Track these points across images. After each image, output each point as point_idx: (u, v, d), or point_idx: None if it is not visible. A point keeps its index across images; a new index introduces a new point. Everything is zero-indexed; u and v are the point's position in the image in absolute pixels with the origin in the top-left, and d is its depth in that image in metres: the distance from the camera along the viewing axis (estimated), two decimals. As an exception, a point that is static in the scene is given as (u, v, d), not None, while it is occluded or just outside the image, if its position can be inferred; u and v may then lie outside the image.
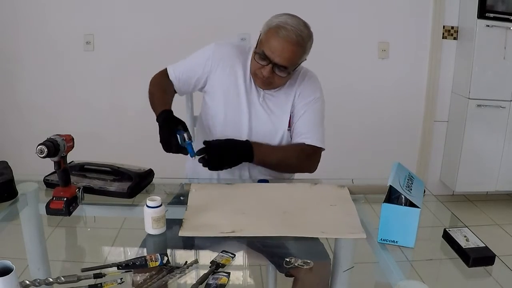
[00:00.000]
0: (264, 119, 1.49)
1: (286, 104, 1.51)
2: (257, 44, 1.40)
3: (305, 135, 1.50)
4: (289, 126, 1.52)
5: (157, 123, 1.34)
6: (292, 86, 1.51)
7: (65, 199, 1.18)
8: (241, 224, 1.14)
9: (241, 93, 1.48)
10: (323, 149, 1.53)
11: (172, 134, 1.30)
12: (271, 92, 1.50)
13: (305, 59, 1.44)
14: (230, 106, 1.49)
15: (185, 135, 1.29)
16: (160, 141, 1.31)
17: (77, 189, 1.23)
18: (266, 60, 1.37)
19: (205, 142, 1.36)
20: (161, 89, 1.50)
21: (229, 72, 1.49)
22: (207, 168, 1.35)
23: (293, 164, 1.49)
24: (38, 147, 1.11)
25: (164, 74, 1.55)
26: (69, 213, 1.18)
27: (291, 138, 1.53)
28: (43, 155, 1.12)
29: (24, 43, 2.80)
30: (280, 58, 1.35)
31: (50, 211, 1.17)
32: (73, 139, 1.21)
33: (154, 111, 1.42)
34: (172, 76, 1.53)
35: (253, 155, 1.39)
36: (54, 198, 1.19)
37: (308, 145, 1.49)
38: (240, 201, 1.28)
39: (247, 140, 1.43)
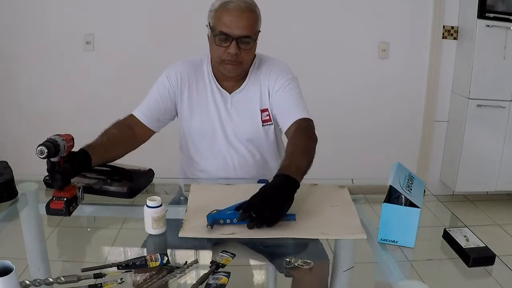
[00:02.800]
0: (236, 122, 1.50)
1: (255, 100, 1.49)
2: (211, 31, 1.39)
3: (293, 113, 1.44)
4: (270, 121, 1.51)
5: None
6: (257, 81, 1.49)
7: (65, 199, 1.17)
8: (241, 225, 1.13)
9: (210, 105, 1.49)
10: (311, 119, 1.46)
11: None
12: (238, 94, 1.49)
13: (260, 30, 1.43)
14: (202, 120, 1.50)
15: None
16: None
17: (77, 189, 1.22)
18: (228, 39, 1.36)
19: (243, 207, 1.12)
20: (105, 134, 1.43)
21: (191, 89, 1.50)
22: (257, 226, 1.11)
23: (312, 147, 1.36)
24: (38, 148, 1.10)
25: (124, 117, 1.50)
26: (69, 213, 1.18)
27: (278, 123, 1.49)
28: (43, 155, 1.11)
29: (24, 43, 2.80)
30: (240, 29, 1.35)
31: (50, 211, 1.17)
32: (73, 139, 1.21)
33: None
34: (137, 113, 1.48)
35: (298, 183, 1.20)
36: (54, 198, 1.18)
37: (300, 119, 1.42)
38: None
39: (279, 175, 1.19)
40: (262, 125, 1.51)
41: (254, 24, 1.38)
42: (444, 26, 2.94)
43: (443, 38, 2.95)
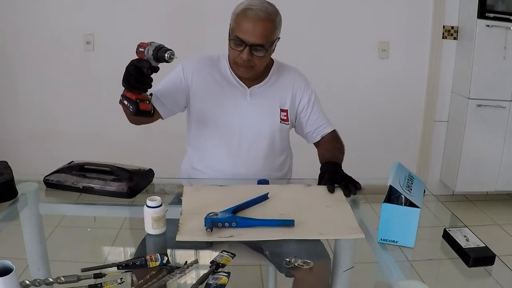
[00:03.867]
0: (254, 116, 1.52)
1: (275, 98, 1.55)
2: (229, 34, 1.43)
3: (324, 126, 1.62)
4: (287, 121, 1.56)
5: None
6: (280, 80, 1.55)
7: (147, 102, 1.26)
8: (239, 228, 1.13)
9: (227, 97, 1.51)
10: None
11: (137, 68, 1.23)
12: (258, 89, 1.53)
13: (279, 37, 1.47)
14: (218, 112, 1.51)
15: None
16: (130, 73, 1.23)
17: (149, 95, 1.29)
18: (242, 44, 1.40)
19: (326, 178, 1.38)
20: None
21: (207, 81, 1.52)
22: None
23: (343, 149, 1.62)
24: (169, 50, 1.20)
25: None
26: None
27: (307, 135, 1.63)
28: (173, 59, 1.20)
29: (24, 43, 2.80)
30: (254, 38, 1.38)
31: (140, 112, 1.25)
32: None
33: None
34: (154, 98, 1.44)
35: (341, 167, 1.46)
36: (137, 100, 1.24)
37: (330, 132, 1.63)
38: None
39: (328, 162, 1.46)
40: (280, 122, 1.55)
41: (269, 33, 1.41)
42: (444, 26, 2.94)
43: (443, 38, 2.95)
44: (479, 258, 1.03)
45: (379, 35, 2.94)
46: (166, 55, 1.19)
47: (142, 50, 1.25)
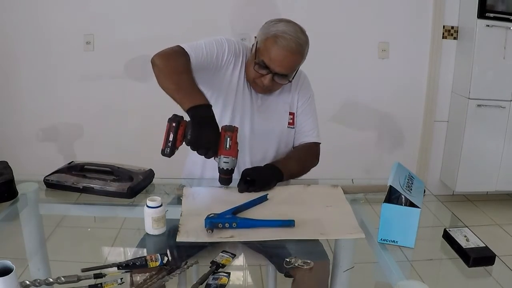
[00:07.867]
0: (262, 120, 1.50)
1: (284, 104, 1.53)
2: (254, 53, 1.39)
3: (307, 133, 1.56)
4: (293, 124, 1.55)
5: (190, 114, 1.18)
6: (288, 85, 1.52)
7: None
8: (239, 229, 1.13)
9: (239, 100, 1.47)
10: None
11: (218, 135, 1.20)
12: (268, 95, 1.51)
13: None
14: (227, 115, 1.47)
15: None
16: (196, 139, 1.17)
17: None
18: (266, 70, 1.36)
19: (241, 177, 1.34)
20: (190, 71, 1.29)
21: (236, 72, 1.45)
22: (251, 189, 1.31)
23: (308, 164, 1.54)
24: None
25: (182, 54, 1.32)
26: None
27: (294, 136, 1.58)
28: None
29: (24, 43, 2.80)
30: (280, 68, 1.35)
31: (167, 155, 1.22)
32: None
33: (179, 93, 1.22)
34: (192, 56, 1.32)
35: (283, 175, 1.39)
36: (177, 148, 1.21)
37: (311, 142, 1.55)
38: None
39: (271, 164, 1.41)
40: (287, 127, 1.54)
41: (296, 65, 1.39)
42: (444, 26, 2.94)
43: (443, 38, 2.95)
44: (479, 258, 1.03)
45: (379, 35, 2.94)
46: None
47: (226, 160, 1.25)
